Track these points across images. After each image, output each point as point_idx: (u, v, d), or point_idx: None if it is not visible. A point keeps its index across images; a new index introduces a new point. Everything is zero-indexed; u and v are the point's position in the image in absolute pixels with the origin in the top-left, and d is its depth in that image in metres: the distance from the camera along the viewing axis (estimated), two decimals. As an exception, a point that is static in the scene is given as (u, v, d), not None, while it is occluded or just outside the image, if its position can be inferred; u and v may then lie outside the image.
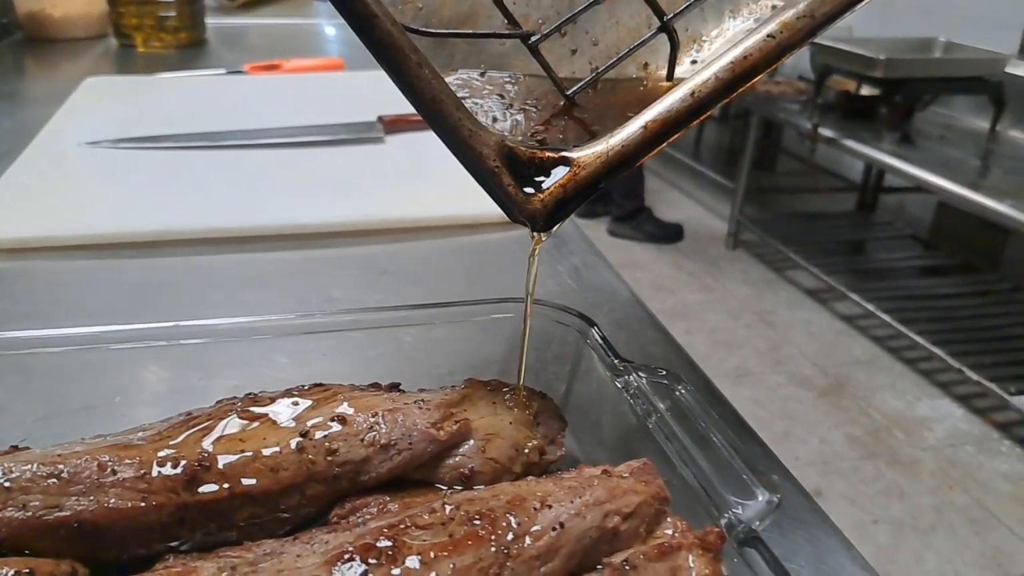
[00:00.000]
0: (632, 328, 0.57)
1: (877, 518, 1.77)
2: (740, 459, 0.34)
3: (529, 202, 0.34)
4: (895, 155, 2.24)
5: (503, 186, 0.33)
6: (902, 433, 2.04)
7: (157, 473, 0.31)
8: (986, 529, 1.77)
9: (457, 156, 0.33)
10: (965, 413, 2.14)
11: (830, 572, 0.38)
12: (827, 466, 1.91)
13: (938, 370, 2.24)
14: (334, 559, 0.26)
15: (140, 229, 0.63)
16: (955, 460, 1.97)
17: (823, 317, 2.54)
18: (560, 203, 0.34)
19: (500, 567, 0.27)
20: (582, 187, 0.34)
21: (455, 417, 0.36)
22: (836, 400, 2.15)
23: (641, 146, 0.33)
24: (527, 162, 0.34)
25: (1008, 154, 2.32)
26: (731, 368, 2.26)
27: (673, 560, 0.28)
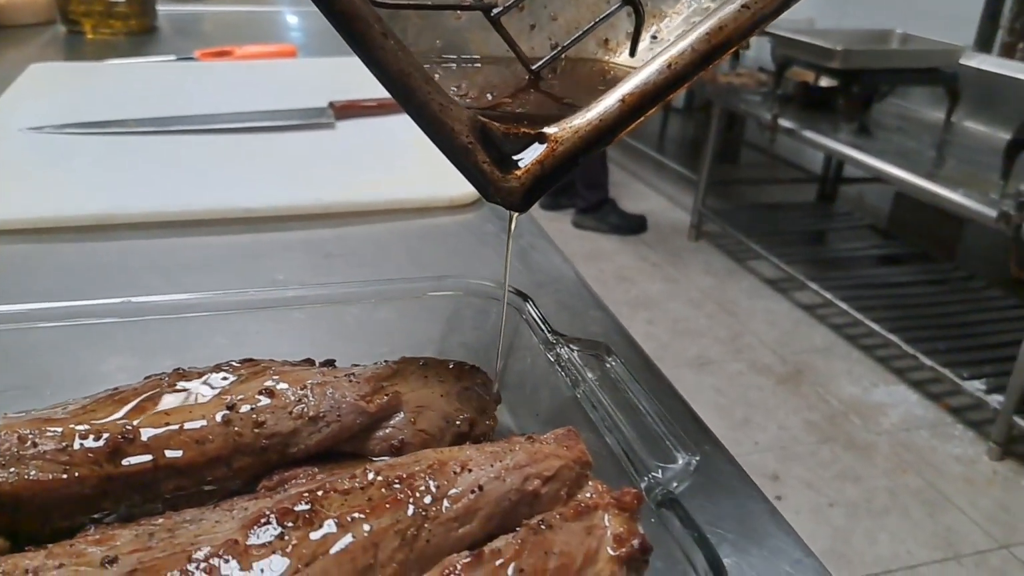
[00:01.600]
0: (575, 308, 0.57)
1: (833, 501, 1.81)
2: (664, 426, 0.35)
3: (506, 180, 0.33)
4: (853, 146, 2.27)
5: (478, 164, 0.32)
6: (858, 418, 2.09)
7: (79, 446, 0.31)
8: (938, 510, 1.82)
9: (428, 133, 0.32)
10: (920, 398, 2.19)
11: (754, 536, 0.39)
12: (785, 451, 1.94)
13: (894, 357, 2.29)
14: (251, 522, 0.26)
15: (79, 213, 0.62)
16: (909, 444, 2.01)
17: (783, 306, 2.58)
18: (538, 180, 0.33)
19: (418, 529, 0.28)
20: (560, 163, 0.33)
21: (385, 390, 0.37)
22: (795, 387, 2.18)
23: (619, 120, 0.32)
24: (502, 138, 0.33)
25: (963, 145, 2.37)
26: (692, 357, 2.29)
27: (589, 520, 0.29)
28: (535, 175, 0.33)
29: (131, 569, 0.25)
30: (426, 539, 0.28)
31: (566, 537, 0.28)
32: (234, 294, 0.42)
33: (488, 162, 0.32)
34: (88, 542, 0.27)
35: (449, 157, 0.32)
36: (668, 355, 2.29)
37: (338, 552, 0.26)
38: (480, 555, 0.26)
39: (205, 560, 0.25)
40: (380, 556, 0.27)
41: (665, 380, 0.49)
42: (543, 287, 0.60)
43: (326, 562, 0.26)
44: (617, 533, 0.29)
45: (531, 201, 0.34)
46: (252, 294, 0.42)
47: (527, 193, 0.33)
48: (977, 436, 2.04)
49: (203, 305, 0.41)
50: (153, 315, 0.41)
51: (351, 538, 0.27)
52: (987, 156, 2.15)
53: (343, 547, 0.26)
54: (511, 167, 0.33)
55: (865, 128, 2.43)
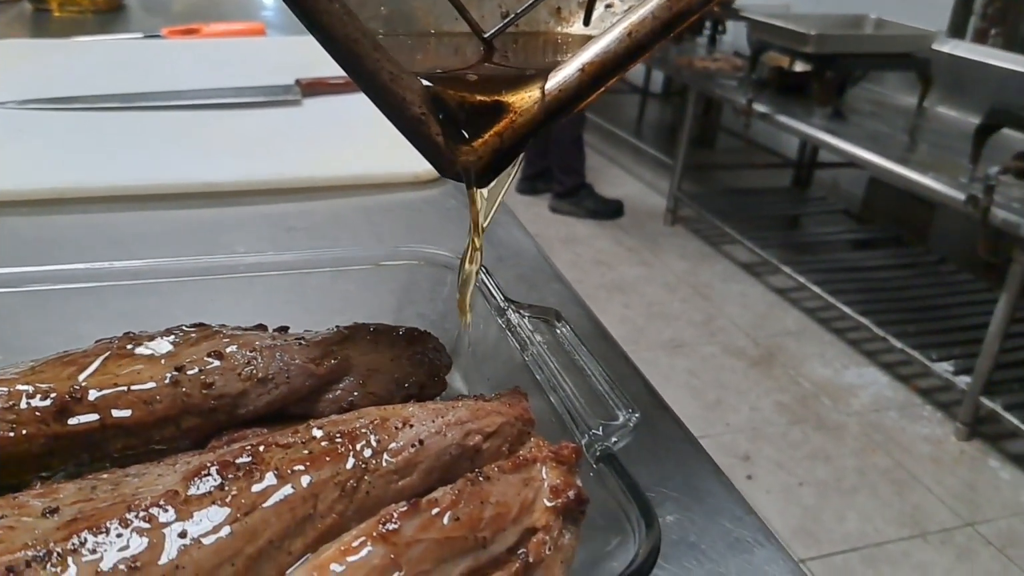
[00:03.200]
0: (534, 281, 0.58)
1: (803, 480, 1.84)
2: (606, 386, 0.36)
3: (462, 153, 0.31)
4: (826, 130, 2.30)
5: (431, 136, 0.30)
6: (829, 400, 2.12)
7: (26, 404, 0.31)
8: (906, 489, 1.86)
9: (378, 104, 0.30)
10: (890, 380, 2.22)
11: (697, 494, 0.40)
12: (756, 432, 1.97)
13: (865, 339, 2.32)
14: (192, 474, 0.27)
15: (39, 187, 0.62)
16: (879, 425, 2.05)
17: (757, 290, 2.61)
18: (497, 153, 0.31)
19: (358, 481, 0.28)
20: (520, 135, 0.31)
21: (335, 354, 0.37)
22: (767, 369, 2.21)
23: (579, 89, 0.31)
24: (457, 109, 0.31)
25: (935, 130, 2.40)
26: (667, 339, 2.31)
27: (527, 472, 0.30)
28: (494, 148, 0.31)
29: (72, 518, 0.25)
30: (366, 491, 0.28)
31: (503, 488, 0.29)
32: (189, 261, 0.42)
33: (442, 134, 0.30)
34: (31, 495, 0.27)
35: (401, 129, 0.31)
36: (643, 338, 2.31)
37: (277, 502, 0.27)
38: (417, 504, 0.27)
39: (145, 510, 0.26)
40: (320, 507, 0.28)
41: (618, 348, 0.50)
42: (503, 260, 0.60)
43: (265, 512, 0.27)
44: (554, 485, 0.30)
45: (490, 176, 0.32)
46: (207, 260, 0.42)
47: (485, 167, 0.31)
48: (945, 417, 2.08)
49: (158, 271, 0.42)
50: (107, 281, 0.41)
51: (291, 489, 0.27)
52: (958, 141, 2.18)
53: (282, 498, 0.27)
54: (468, 140, 0.31)
55: (839, 113, 2.45)
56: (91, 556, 0.24)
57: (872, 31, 2.61)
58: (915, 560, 1.66)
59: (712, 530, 0.38)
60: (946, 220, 2.69)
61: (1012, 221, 1.76)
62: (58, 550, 0.24)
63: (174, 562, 0.25)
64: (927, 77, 2.44)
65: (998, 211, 1.78)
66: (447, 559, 0.27)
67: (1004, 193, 1.81)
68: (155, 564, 0.25)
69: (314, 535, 0.27)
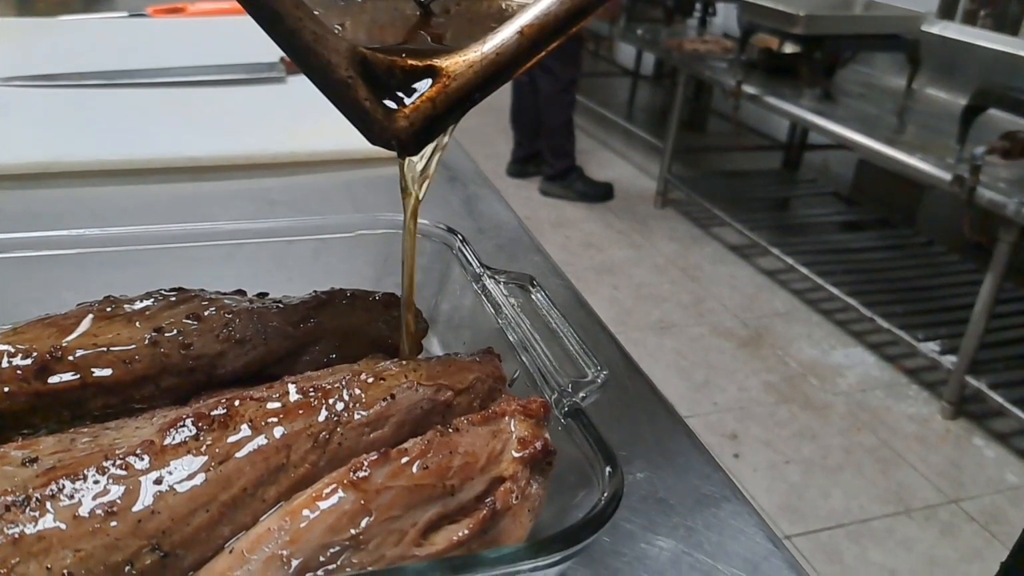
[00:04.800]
0: (514, 252, 0.59)
1: (789, 459, 1.86)
2: (577, 346, 0.37)
3: (391, 120, 0.29)
4: (816, 112, 2.30)
5: (359, 101, 0.29)
6: (816, 379, 2.14)
7: (8, 363, 0.32)
8: (891, 467, 1.88)
9: (301, 66, 0.29)
10: (877, 360, 2.24)
11: (668, 454, 0.41)
12: (743, 411, 1.99)
13: (853, 320, 2.34)
14: (168, 425, 0.28)
15: (22, 161, 0.62)
16: (865, 404, 2.07)
17: (746, 271, 2.62)
18: (429, 120, 0.30)
19: (330, 432, 0.29)
20: (454, 101, 0.30)
21: (312, 317, 0.38)
22: (755, 350, 2.23)
23: (517, 54, 0.29)
24: (387, 72, 0.29)
25: (923, 111, 2.40)
26: (655, 320, 2.33)
27: (496, 424, 0.31)
28: (425, 114, 0.29)
29: (50, 467, 0.26)
30: (338, 442, 0.29)
31: (472, 439, 0.30)
32: (170, 228, 0.43)
33: (371, 99, 0.29)
34: (11, 447, 0.28)
35: (327, 94, 0.29)
36: (631, 319, 2.32)
37: (251, 452, 0.28)
38: (387, 453, 0.28)
39: (122, 458, 0.27)
40: (292, 457, 0.29)
41: (595, 316, 0.51)
42: (485, 233, 0.61)
43: (240, 461, 0.28)
44: (522, 437, 0.31)
45: (421, 144, 0.31)
46: (187, 228, 0.43)
47: (416, 134, 0.30)
48: (931, 396, 2.10)
49: (140, 238, 0.42)
50: (89, 248, 0.41)
51: (264, 440, 0.28)
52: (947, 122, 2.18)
53: (256, 448, 0.28)
54: (398, 105, 0.29)
55: (828, 94, 2.46)
56: (69, 501, 0.25)
57: (862, 12, 2.61)
58: (899, 536, 1.69)
59: (680, 487, 0.39)
60: (934, 202, 2.71)
61: (998, 201, 1.77)
62: (37, 495, 0.25)
63: (150, 507, 0.26)
64: (916, 58, 2.45)
65: (984, 191, 1.79)
66: (416, 505, 0.28)
67: (990, 173, 1.82)
68: (131, 509, 0.26)
69: (287, 484, 0.28)
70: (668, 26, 3.17)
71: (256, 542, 0.26)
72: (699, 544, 0.36)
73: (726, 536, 0.37)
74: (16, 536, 0.24)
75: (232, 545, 0.26)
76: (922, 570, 1.60)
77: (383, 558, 0.27)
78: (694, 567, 0.35)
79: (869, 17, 2.54)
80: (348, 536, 0.26)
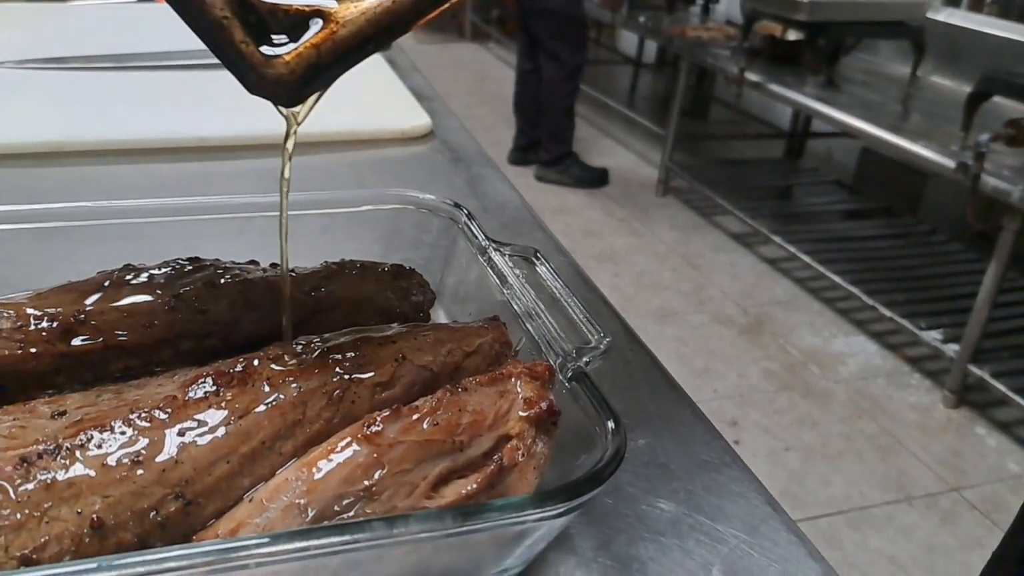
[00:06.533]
0: (518, 230, 0.60)
1: (789, 446, 1.87)
2: (580, 314, 0.38)
3: (271, 65, 0.27)
4: (819, 99, 2.30)
5: (235, 44, 0.27)
6: (817, 367, 2.15)
7: (34, 326, 0.33)
8: (891, 455, 1.89)
9: (174, 5, 0.27)
10: (879, 348, 2.25)
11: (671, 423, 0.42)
12: (743, 398, 2.00)
13: (855, 308, 2.34)
14: (190, 382, 0.29)
15: (34, 140, 0.63)
16: (866, 392, 2.08)
17: (747, 260, 2.63)
18: (312, 69, 0.27)
19: (343, 390, 0.31)
20: (341, 50, 0.27)
21: (323, 286, 0.39)
22: (755, 337, 2.24)
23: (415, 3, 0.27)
24: (268, 14, 0.27)
25: (928, 99, 2.40)
26: (655, 308, 2.34)
27: (503, 385, 0.32)
28: (309, 62, 0.27)
29: (78, 419, 0.28)
30: (351, 400, 0.31)
31: (480, 398, 0.31)
32: (183, 201, 0.44)
33: (248, 42, 0.27)
34: (40, 402, 0.29)
35: (200, 35, 0.27)
36: (631, 307, 2.33)
37: (269, 408, 0.29)
38: (399, 410, 0.29)
39: (146, 412, 0.28)
40: (308, 413, 0.30)
41: (598, 291, 0.52)
42: (489, 211, 0.62)
43: (258, 416, 0.29)
44: (528, 397, 0.32)
45: (302, 94, 0.29)
46: (198, 201, 0.44)
47: (297, 83, 0.28)
48: (933, 385, 2.11)
49: (154, 210, 0.43)
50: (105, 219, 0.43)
51: (281, 396, 0.29)
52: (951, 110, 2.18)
53: (274, 403, 0.29)
54: (279, 50, 0.27)
55: (831, 82, 2.46)
56: (97, 451, 0.26)
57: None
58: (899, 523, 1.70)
59: (681, 453, 0.41)
60: (938, 191, 2.71)
61: (1002, 188, 1.77)
62: (67, 445, 0.26)
63: (174, 458, 0.27)
64: (921, 46, 2.44)
65: (988, 178, 1.79)
66: (426, 460, 0.29)
67: (994, 160, 1.82)
68: (156, 459, 0.27)
69: (303, 438, 0.29)
70: (670, 13, 3.16)
71: (275, 491, 0.27)
72: (699, 507, 0.38)
73: (725, 500, 0.38)
74: (48, 482, 0.25)
75: (251, 495, 0.28)
76: (922, 557, 1.61)
77: (395, 509, 0.28)
78: (694, 528, 0.36)
79: (873, 4, 2.54)
80: (362, 487, 0.28)
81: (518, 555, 0.30)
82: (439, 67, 4.33)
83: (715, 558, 0.34)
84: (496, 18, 4.99)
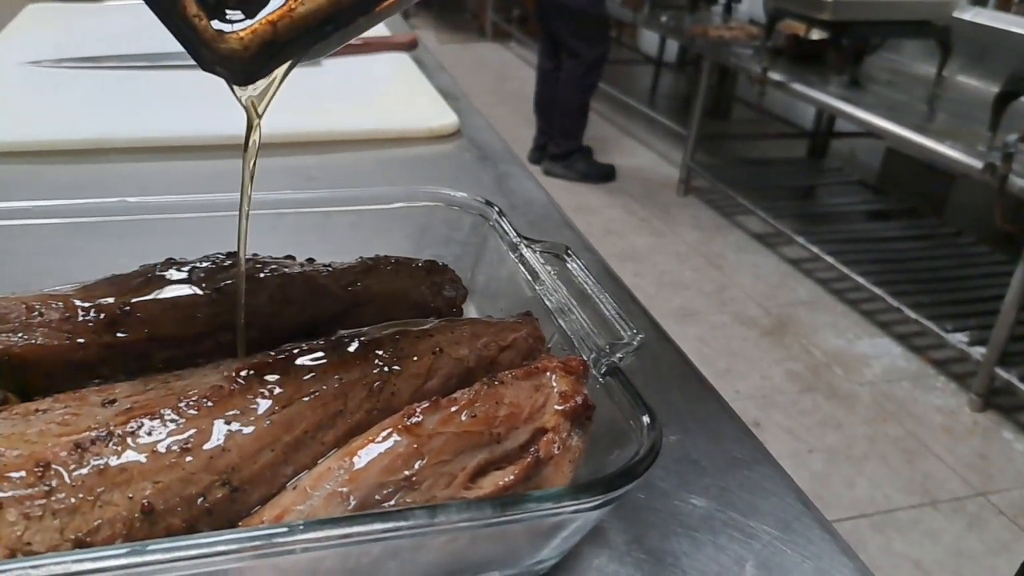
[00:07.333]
0: (545, 228, 0.61)
1: (812, 447, 1.86)
2: (611, 311, 0.38)
3: (224, 40, 0.26)
4: (843, 99, 2.28)
5: (187, 17, 0.26)
6: (841, 369, 2.13)
7: (81, 317, 0.34)
8: (917, 458, 1.87)
9: None
10: (903, 351, 2.22)
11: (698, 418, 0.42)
12: (766, 399, 1.99)
13: (879, 310, 2.32)
14: (235, 372, 0.30)
15: (72, 137, 0.65)
16: (891, 395, 2.06)
17: (770, 260, 2.62)
18: (267, 45, 0.26)
19: (383, 382, 0.31)
20: (299, 28, 0.26)
21: (359, 281, 0.40)
22: (778, 338, 2.23)
23: None
24: None
25: (954, 99, 2.37)
26: (677, 308, 2.33)
27: (538, 380, 0.32)
28: (264, 39, 0.26)
29: (128, 408, 0.28)
30: (391, 392, 0.31)
31: (516, 391, 0.31)
32: (219, 197, 0.45)
33: (201, 16, 0.26)
34: (90, 391, 0.30)
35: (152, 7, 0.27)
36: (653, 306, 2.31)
37: (312, 398, 0.30)
38: (437, 401, 0.30)
39: (194, 400, 0.29)
40: (349, 404, 0.30)
41: (626, 289, 0.52)
42: (516, 208, 0.63)
43: (301, 406, 0.30)
44: (563, 391, 0.32)
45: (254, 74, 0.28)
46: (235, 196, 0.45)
47: (251, 60, 0.26)
48: (959, 388, 2.08)
49: (191, 206, 0.44)
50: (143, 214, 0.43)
51: (323, 387, 0.30)
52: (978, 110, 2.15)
53: (316, 394, 0.30)
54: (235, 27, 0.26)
55: (856, 81, 2.44)
56: (147, 438, 0.27)
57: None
58: (925, 527, 1.68)
59: (713, 450, 0.41)
60: (964, 192, 2.68)
61: (1031, 189, 1.75)
62: (118, 432, 0.27)
63: (220, 445, 0.28)
64: (947, 45, 2.41)
65: (1016, 179, 1.77)
66: (465, 451, 0.29)
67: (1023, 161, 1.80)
68: (203, 447, 0.27)
69: (344, 428, 0.30)
70: (692, 13, 3.15)
71: (318, 480, 0.28)
72: (731, 503, 0.38)
73: (758, 496, 0.38)
74: (101, 467, 0.26)
75: (295, 483, 0.28)
76: (948, 562, 1.59)
77: (434, 499, 0.28)
78: (727, 524, 0.37)
79: (899, 3, 2.51)
80: (402, 477, 0.28)
81: (554, 546, 0.31)
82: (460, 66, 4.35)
83: (749, 554, 0.35)
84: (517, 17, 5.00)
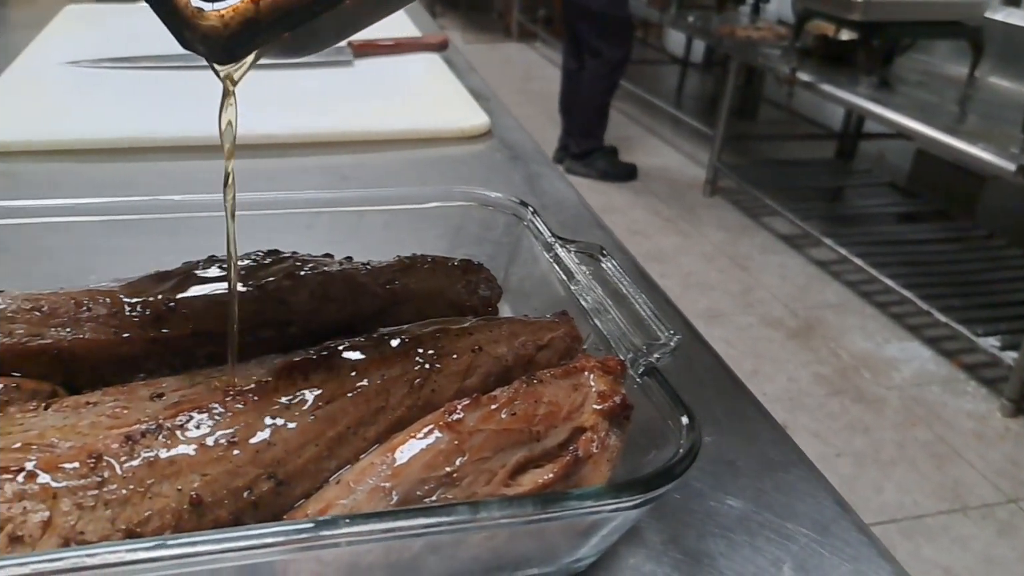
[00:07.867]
0: (577, 228, 0.61)
1: (840, 451, 1.84)
2: (648, 311, 0.38)
3: (204, 18, 0.26)
4: (873, 100, 2.25)
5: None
6: (869, 373, 2.10)
7: (127, 312, 0.35)
8: (946, 463, 1.84)
9: None
10: (933, 355, 2.19)
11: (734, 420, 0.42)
12: (793, 402, 1.97)
13: (909, 313, 2.29)
14: (279, 368, 0.30)
15: (111, 136, 0.66)
16: (920, 399, 2.03)
17: (797, 261, 2.59)
18: (248, 24, 0.26)
19: (424, 379, 0.31)
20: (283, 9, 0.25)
21: (396, 280, 0.40)
22: (805, 341, 2.21)
23: None
24: None
25: (986, 100, 2.34)
26: (702, 309, 2.32)
27: (576, 379, 0.32)
28: (245, 17, 0.25)
29: (176, 402, 0.29)
30: (431, 389, 0.31)
31: (555, 390, 0.32)
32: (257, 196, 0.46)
33: None
34: (137, 385, 0.31)
35: None
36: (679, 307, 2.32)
37: (354, 394, 0.30)
38: (478, 399, 0.30)
39: (240, 395, 0.29)
40: (391, 400, 0.31)
41: (659, 289, 0.52)
42: (547, 209, 0.63)
43: (344, 402, 0.30)
44: (601, 391, 0.32)
45: (234, 53, 0.27)
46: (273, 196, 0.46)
47: (230, 39, 0.26)
48: (990, 393, 2.05)
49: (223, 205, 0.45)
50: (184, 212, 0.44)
51: (366, 383, 0.30)
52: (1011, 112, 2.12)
53: (359, 390, 0.30)
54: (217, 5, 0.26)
55: (886, 82, 2.41)
56: (195, 431, 0.28)
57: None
58: (954, 534, 1.65)
59: (749, 451, 0.41)
60: (996, 194, 2.63)
61: (1064, 192, 1.72)
62: (167, 425, 0.28)
63: (266, 439, 0.28)
64: (979, 46, 2.38)
65: (1050, 182, 1.74)
66: (505, 448, 0.30)
67: (1056, 163, 1.77)
68: (250, 440, 0.28)
69: (386, 424, 0.30)
70: (720, 13, 3.13)
71: (361, 474, 0.28)
72: (768, 505, 0.38)
73: (794, 498, 0.38)
74: (151, 459, 0.26)
75: (338, 477, 0.29)
76: (978, 569, 1.57)
77: (475, 495, 0.29)
78: (764, 525, 0.36)
79: (930, 3, 2.48)
80: (443, 473, 0.28)
81: (592, 545, 0.31)
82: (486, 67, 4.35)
83: (786, 555, 0.34)
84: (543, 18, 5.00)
